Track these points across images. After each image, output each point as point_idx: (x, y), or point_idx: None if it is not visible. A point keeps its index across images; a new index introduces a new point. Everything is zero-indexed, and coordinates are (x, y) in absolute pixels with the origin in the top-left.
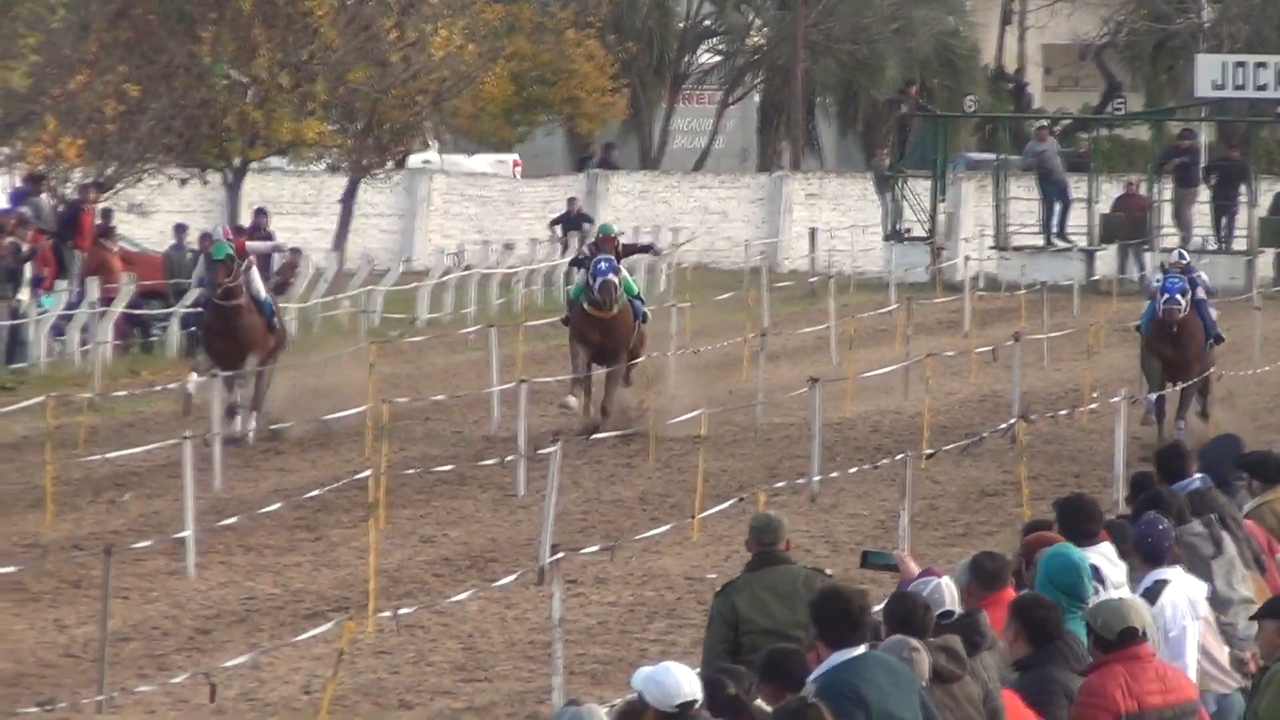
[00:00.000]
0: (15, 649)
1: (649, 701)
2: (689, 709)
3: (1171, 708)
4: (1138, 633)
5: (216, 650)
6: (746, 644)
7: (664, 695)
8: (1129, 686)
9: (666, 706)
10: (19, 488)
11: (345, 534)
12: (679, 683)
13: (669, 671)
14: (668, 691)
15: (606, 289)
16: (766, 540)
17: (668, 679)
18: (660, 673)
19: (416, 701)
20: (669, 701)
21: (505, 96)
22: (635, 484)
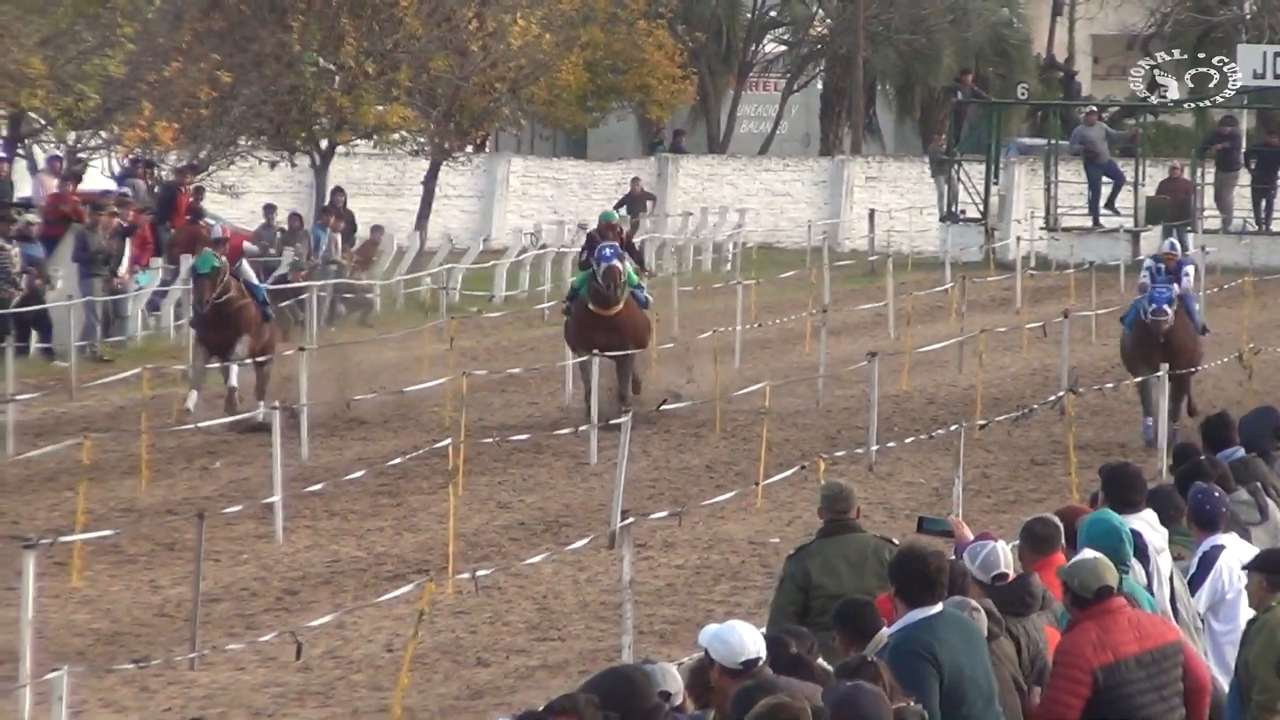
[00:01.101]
0: (112, 609)
1: (715, 658)
2: (753, 666)
3: (1149, 652)
4: (1111, 590)
5: (303, 610)
6: (815, 607)
7: (729, 652)
8: (1101, 640)
9: (731, 663)
10: (116, 456)
11: (425, 500)
12: (744, 641)
13: (734, 630)
14: (733, 649)
15: (610, 274)
16: (839, 509)
17: (733, 637)
18: (726, 631)
19: (493, 659)
20: (734, 658)
21: (580, 84)
22: (702, 453)
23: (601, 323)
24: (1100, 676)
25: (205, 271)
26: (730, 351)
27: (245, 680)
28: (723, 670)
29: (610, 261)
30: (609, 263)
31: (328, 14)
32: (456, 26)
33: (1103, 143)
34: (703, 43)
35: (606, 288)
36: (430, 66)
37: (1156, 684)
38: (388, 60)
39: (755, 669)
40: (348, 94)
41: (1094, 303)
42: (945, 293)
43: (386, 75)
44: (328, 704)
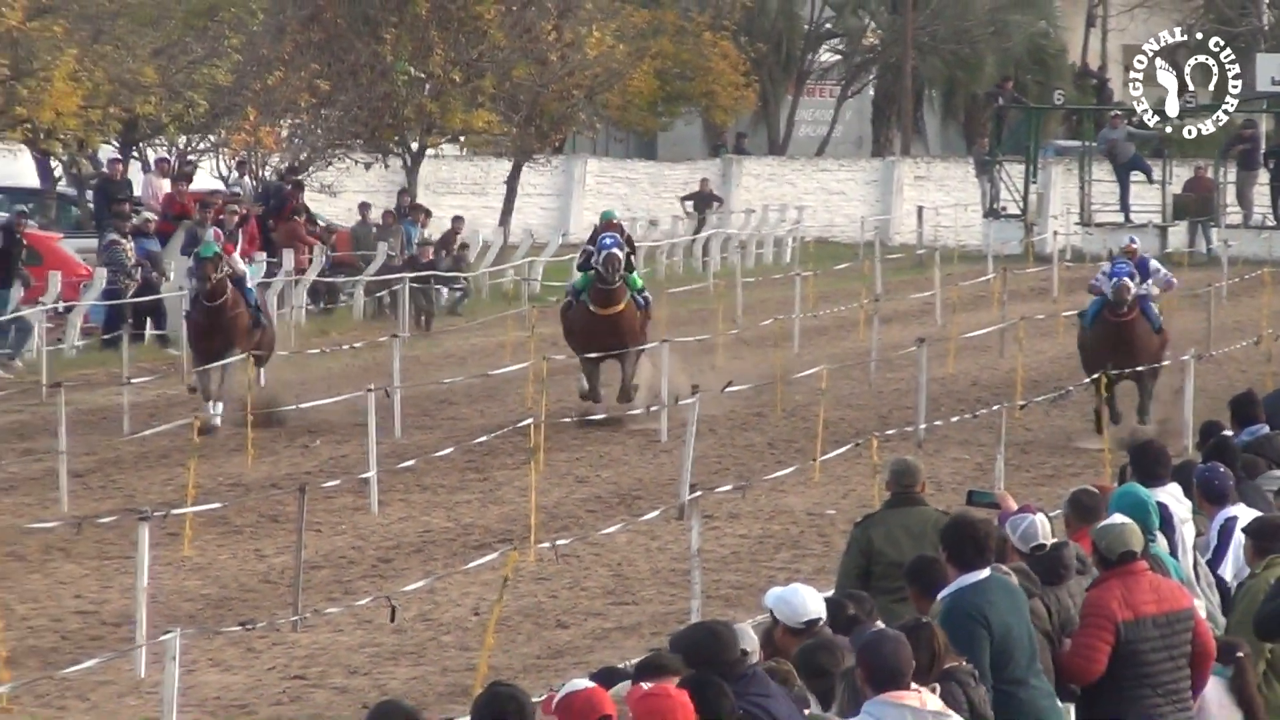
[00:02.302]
0: (220, 575)
1: (779, 618)
2: (813, 625)
3: (1165, 615)
4: (1135, 554)
5: (396, 577)
6: (877, 573)
7: (792, 613)
8: (1125, 598)
9: (794, 623)
10: (224, 434)
11: (509, 475)
12: (806, 602)
13: (797, 592)
14: (795, 610)
15: (610, 261)
16: (905, 483)
17: (795, 599)
18: (790, 593)
19: (571, 622)
20: (796, 619)
21: (650, 91)
22: (764, 431)
23: (602, 324)
24: (1122, 630)
25: (208, 255)
26: (789, 338)
27: (343, 641)
28: (785, 629)
29: (610, 249)
30: (609, 250)
31: (418, 26)
32: (537, 38)
33: (1125, 143)
34: (764, 52)
35: (607, 272)
36: (512, 75)
37: (1168, 644)
38: (473, 69)
39: (816, 629)
40: (436, 100)
41: None
42: (988, 283)
43: (472, 83)
44: (419, 663)
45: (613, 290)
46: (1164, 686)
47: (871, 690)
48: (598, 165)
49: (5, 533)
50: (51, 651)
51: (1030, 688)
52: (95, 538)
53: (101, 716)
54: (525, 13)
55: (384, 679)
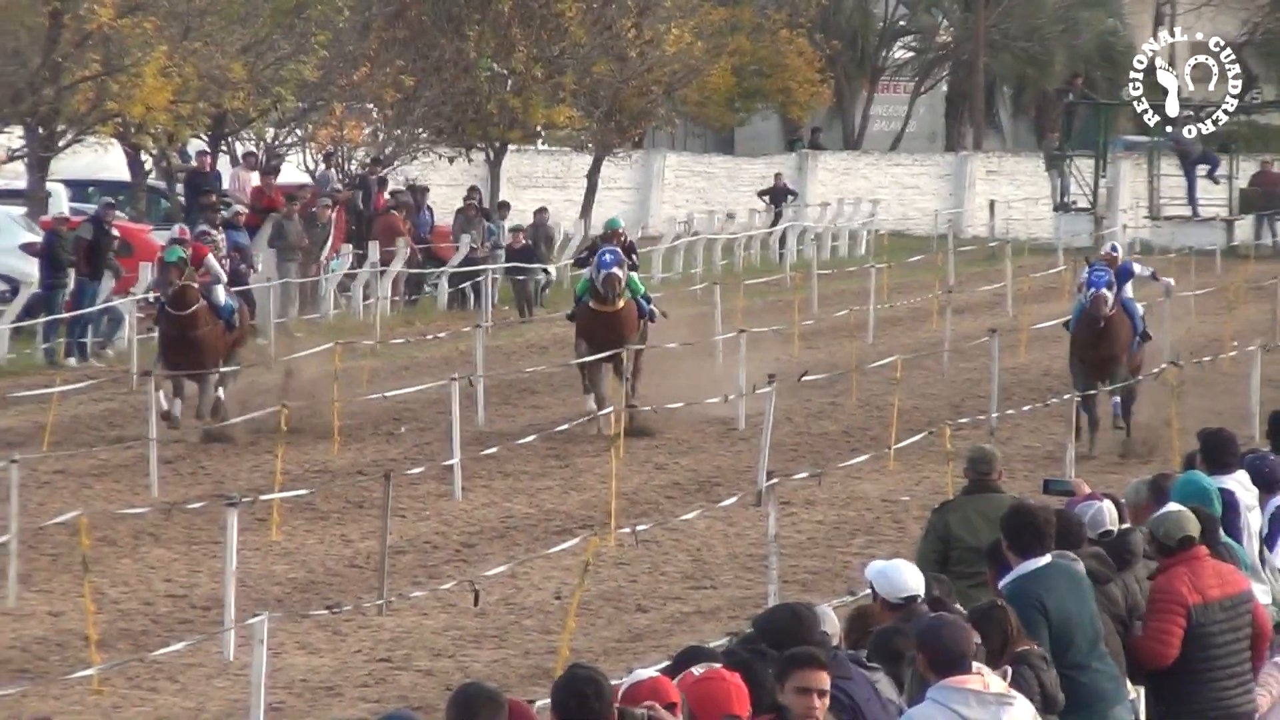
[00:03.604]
0: (307, 560)
1: (878, 591)
2: (912, 601)
3: (1229, 598)
4: (1194, 540)
5: (479, 561)
6: (954, 558)
7: (891, 588)
8: (1192, 583)
9: (893, 598)
10: (311, 422)
11: (590, 462)
12: (905, 578)
13: (898, 568)
14: (894, 585)
15: (609, 282)
16: (982, 470)
17: (896, 574)
18: (891, 568)
19: (651, 606)
20: (895, 594)
21: (727, 87)
22: (839, 419)
23: (601, 319)
24: (1193, 614)
25: (172, 260)
26: (864, 328)
27: (428, 625)
28: (884, 603)
29: (610, 269)
30: (608, 270)
31: (500, 24)
32: (617, 35)
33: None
34: (839, 49)
35: (606, 294)
36: (593, 71)
37: (1233, 626)
38: (555, 65)
39: (913, 605)
40: (518, 96)
41: (1193, 284)
42: (1058, 275)
43: (554, 79)
44: (502, 646)
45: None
46: (1230, 669)
47: (934, 675)
48: (676, 160)
49: (97, 518)
50: (142, 634)
51: (1093, 671)
52: (185, 523)
53: (191, 698)
54: (606, 10)
55: (467, 661)
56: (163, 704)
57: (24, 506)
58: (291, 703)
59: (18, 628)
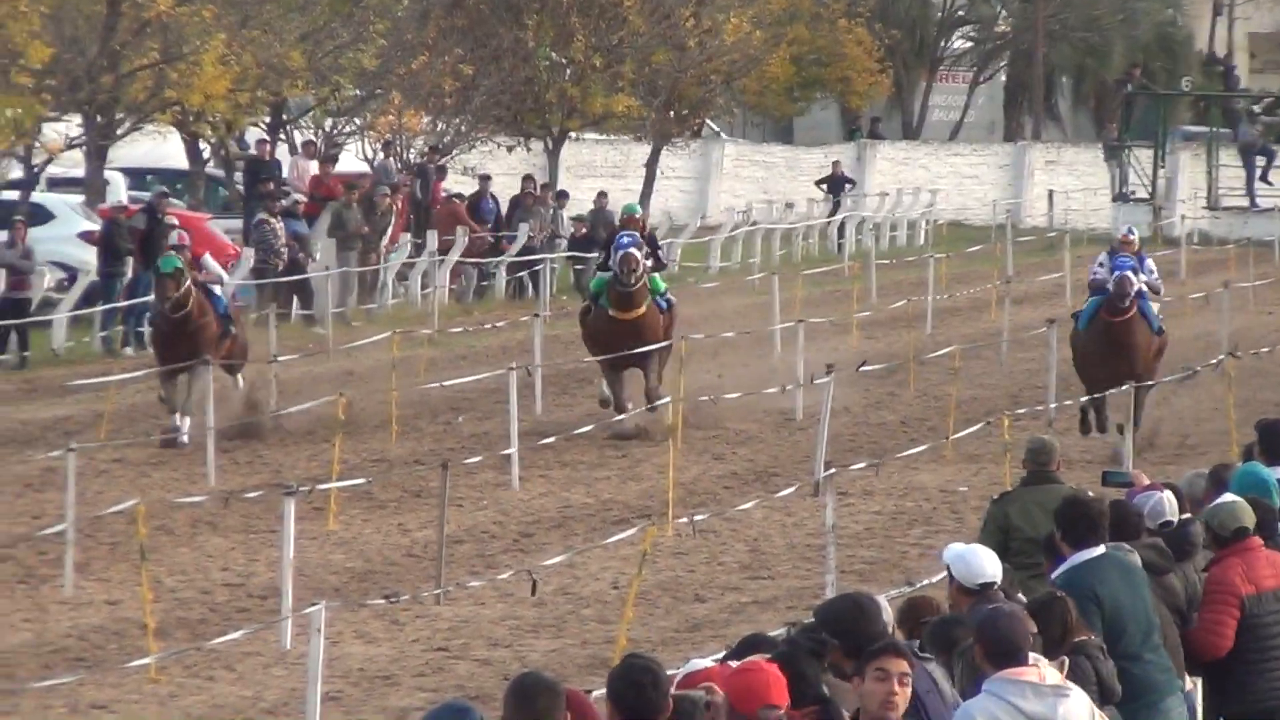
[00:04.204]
0: (365, 549)
1: (955, 576)
2: (988, 589)
3: None
4: (1248, 530)
5: (537, 551)
6: (1013, 549)
7: (968, 573)
8: (1246, 573)
9: (970, 583)
10: (368, 411)
11: (648, 452)
12: (983, 564)
13: (976, 553)
14: (972, 570)
15: (626, 261)
16: (1041, 461)
17: (974, 560)
18: (969, 552)
19: (709, 596)
20: (972, 579)
21: (786, 76)
22: (897, 409)
23: (622, 328)
24: (1247, 605)
25: (167, 271)
26: (922, 318)
27: (485, 614)
28: (960, 588)
29: (626, 249)
30: (625, 250)
31: (559, 12)
32: (676, 24)
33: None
34: (898, 39)
35: (623, 273)
36: (652, 60)
37: None
38: (613, 54)
39: (990, 592)
40: (577, 85)
41: (1252, 275)
42: None
43: (612, 68)
44: (559, 636)
45: (631, 293)
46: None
47: (990, 666)
48: (735, 149)
49: (155, 507)
50: (199, 623)
51: (1145, 663)
52: (242, 512)
53: (248, 687)
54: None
55: (525, 651)
56: (220, 693)
57: (81, 495)
58: (348, 692)
59: (75, 616)
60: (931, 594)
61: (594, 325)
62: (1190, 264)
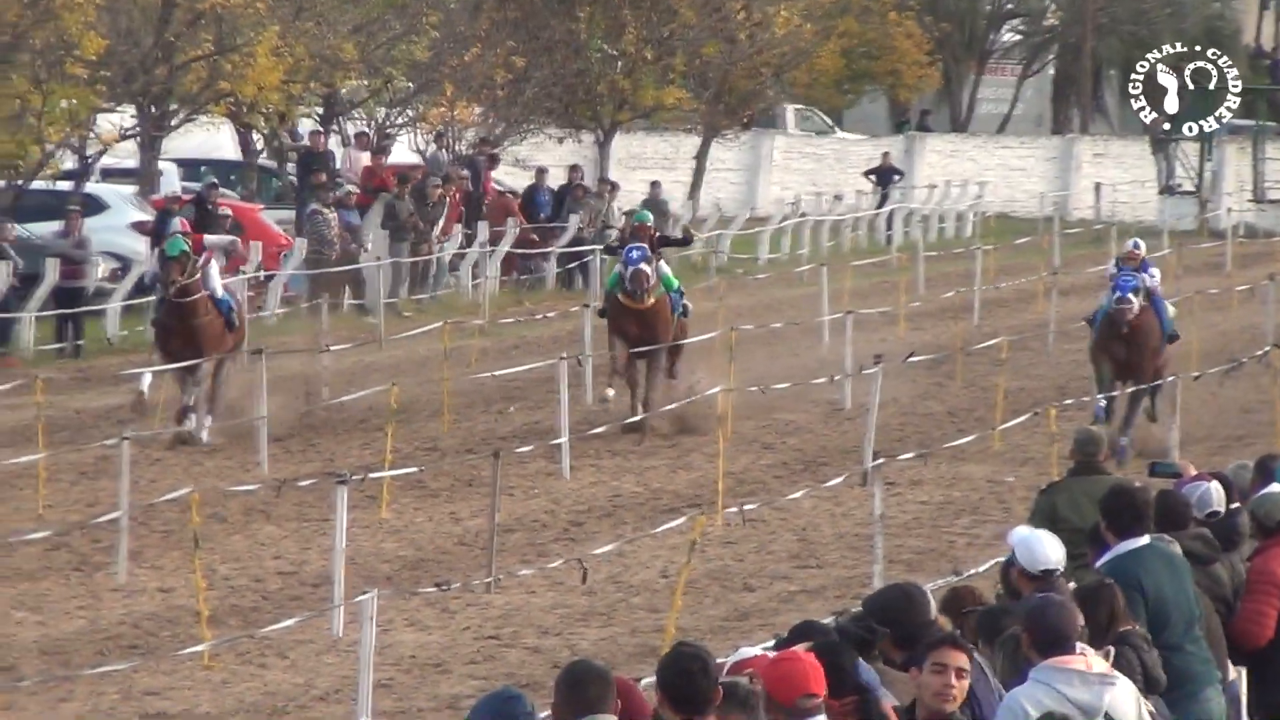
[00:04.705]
0: (416, 538)
1: (1019, 560)
2: (1050, 575)
3: None
4: None
5: (587, 540)
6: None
7: (1031, 558)
8: None
9: (1032, 568)
10: (421, 400)
11: (697, 441)
12: (1047, 551)
13: (1041, 540)
14: (1035, 556)
15: (637, 279)
16: (1089, 451)
17: (1038, 545)
18: (1034, 539)
19: (758, 585)
20: (1035, 564)
21: (836, 69)
22: (945, 400)
23: (633, 315)
24: None
25: (174, 254)
26: (970, 309)
27: (536, 602)
28: (1022, 572)
29: (637, 265)
30: (635, 266)
31: (611, 5)
32: (726, 17)
33: None
34: (947, 32)
35: (634, 292)
36: (702, 53)
37: None
38: (664, 47)
39: (1052, 579)
40: (628, 77)
41: None
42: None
43: (663, 60)
44: (609, 624)
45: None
46: None
47: (1038, 655)
48: (784, 141)
49: (208, 495)
50: (252, 610)
51: (1186, 653)
52: (295, 500)
53: (300, 674)
54: None
55: (575, 639)
56: (272, 680)
57: (135, 483)
58: (400, 679)
59: (129, 604)
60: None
61: (611, 313)
62: (1236, 256)
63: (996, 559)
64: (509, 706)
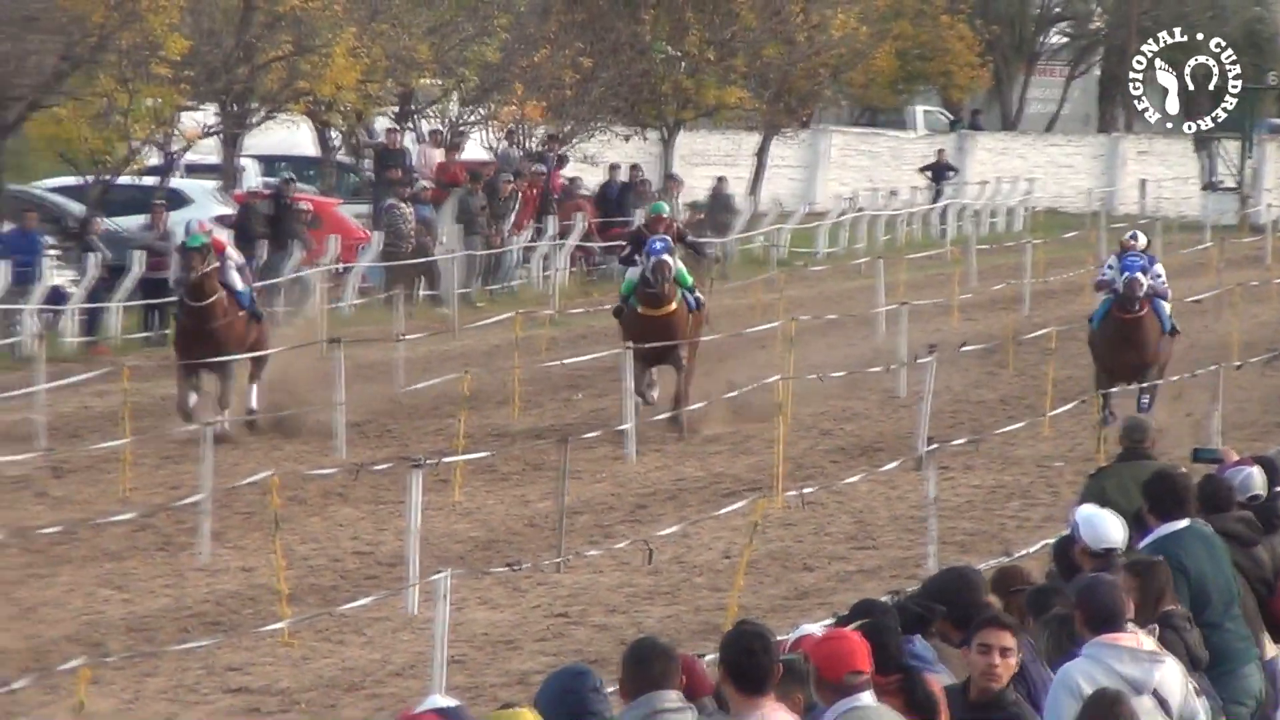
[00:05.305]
0: (488, 519)
1: (1082, 537)
2: (1111, 554)
3: None
4: None
5: (652, 522)
6: None
7: (1094, 536)
8: None
9: (1095, 546)
10: (492, 387)
11: (758, 427)
12: (1110, 530)
13: (1104, 519)
14: (1098, 534)
15: (659, 269)
16: (1136, 438)
17: (1102, 525)
18: (1097, 518)
19: (816, 565)
20: (1098, 542)
21: (891, 70)
22: (996, 388)
23: (652, 325)
24: None
25: (194, 246)
26: (1020, 301)
27: (603, 582)
28: (1084, 550)
29: (660, 255)
30: (658, 256)
31: (675, 8)
32: (786, 20)
33: None
34: (997, 35)
35: (655, 281)
36: (762, 54)
37: None
38: (726, 48)
39: (1113, 557)
40: (691, 77)
41: None
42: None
43: (725, 61)
44: (673, 603)
45: (660, 293)
46: None
47: (1090, 632)
48: (841, 139)
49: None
50: (330, 589)
51: (1225, 631)
52: (371, 483)
53: (376, 650)
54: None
55: (640, 617)
56: (349, 656)
57: (218, 467)
58: (472, 655)
59: (212, 583)
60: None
61: (626, 323)
62: (1276, 250)
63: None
64: (577, 682)
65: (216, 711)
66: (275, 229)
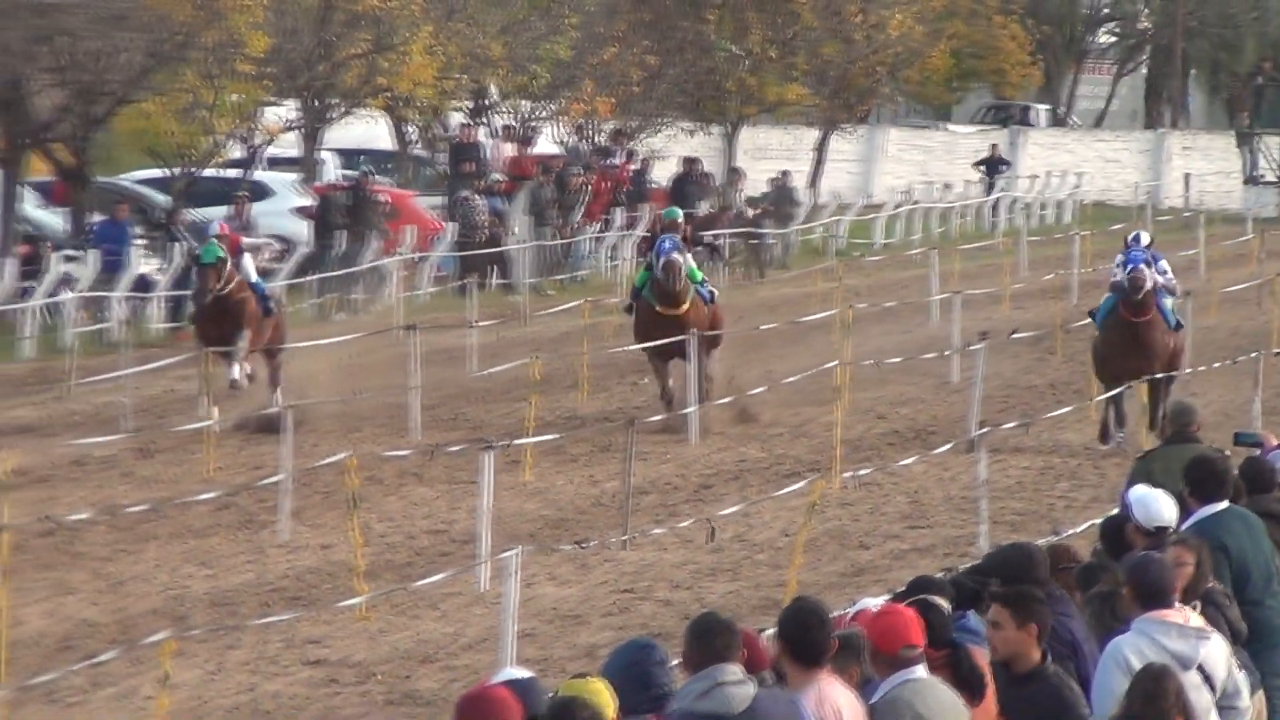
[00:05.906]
0: (557, 499)
1: (1135, 516)
2: (1163, 533)
3: None
4: None
5: (714, 501)
6: None
7: (1147, 515)
8: None
9: (1147, 525)
10: (561, 372)
11: (816, 411)
12: (1161, 509)
13: (1157, 499)
14: (1150, 513)
15: (670, 268)
16: (1182, 422)
17: (1154, 505)
18: (1150, 498)
19: (872, 543)
20: (1150, 521)
21: (945, 68)
22: (1045, 374)
23: (667, 322)
24: None
25: (209, 261)
26: (1069, 290)
27: (667, 559)
28: (1137, 528)
29: (669, 255)
30: (667, 255)
31: (738, 8)
32: (844, 19)
33: None
34: (1048, 34)
35: (666, 280)
36: (822, 52)
37: None
38: (787, 47)
39: (1164, 535)
40: (753, 75)
41: None
42: (1247, 243)
43: (786, 59)
44: (735, 580)
45: (674, 291)
46: None
47: (1139, 608)
48: (898, 134)
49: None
50: (405, 566)
51: (1265, 608)
52: (445, 464)
53: (450, 624)
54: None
55: (703, 593)
56: (424, 630)
57: (298, 448)
58: (541, 629)
59: (292, 559)
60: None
61: (640, 319)
62: None
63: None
64: (643, 654)
65: (296, 682)
66: (354, 220)
